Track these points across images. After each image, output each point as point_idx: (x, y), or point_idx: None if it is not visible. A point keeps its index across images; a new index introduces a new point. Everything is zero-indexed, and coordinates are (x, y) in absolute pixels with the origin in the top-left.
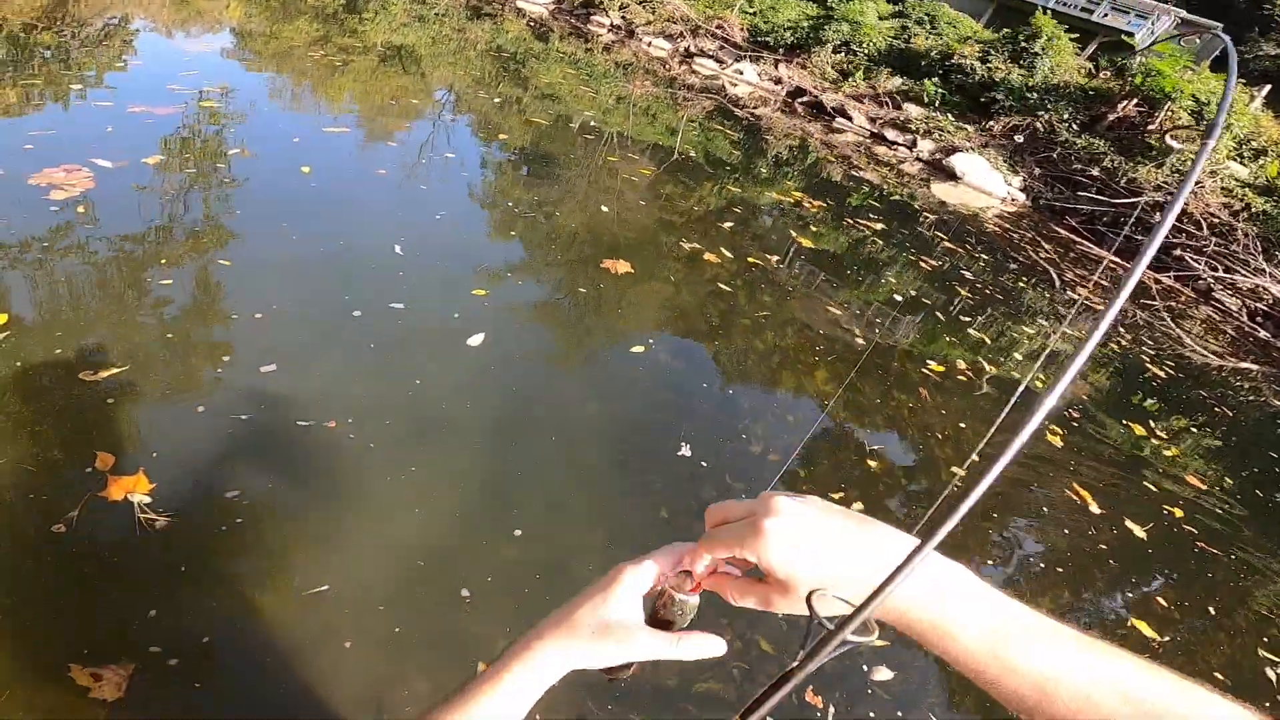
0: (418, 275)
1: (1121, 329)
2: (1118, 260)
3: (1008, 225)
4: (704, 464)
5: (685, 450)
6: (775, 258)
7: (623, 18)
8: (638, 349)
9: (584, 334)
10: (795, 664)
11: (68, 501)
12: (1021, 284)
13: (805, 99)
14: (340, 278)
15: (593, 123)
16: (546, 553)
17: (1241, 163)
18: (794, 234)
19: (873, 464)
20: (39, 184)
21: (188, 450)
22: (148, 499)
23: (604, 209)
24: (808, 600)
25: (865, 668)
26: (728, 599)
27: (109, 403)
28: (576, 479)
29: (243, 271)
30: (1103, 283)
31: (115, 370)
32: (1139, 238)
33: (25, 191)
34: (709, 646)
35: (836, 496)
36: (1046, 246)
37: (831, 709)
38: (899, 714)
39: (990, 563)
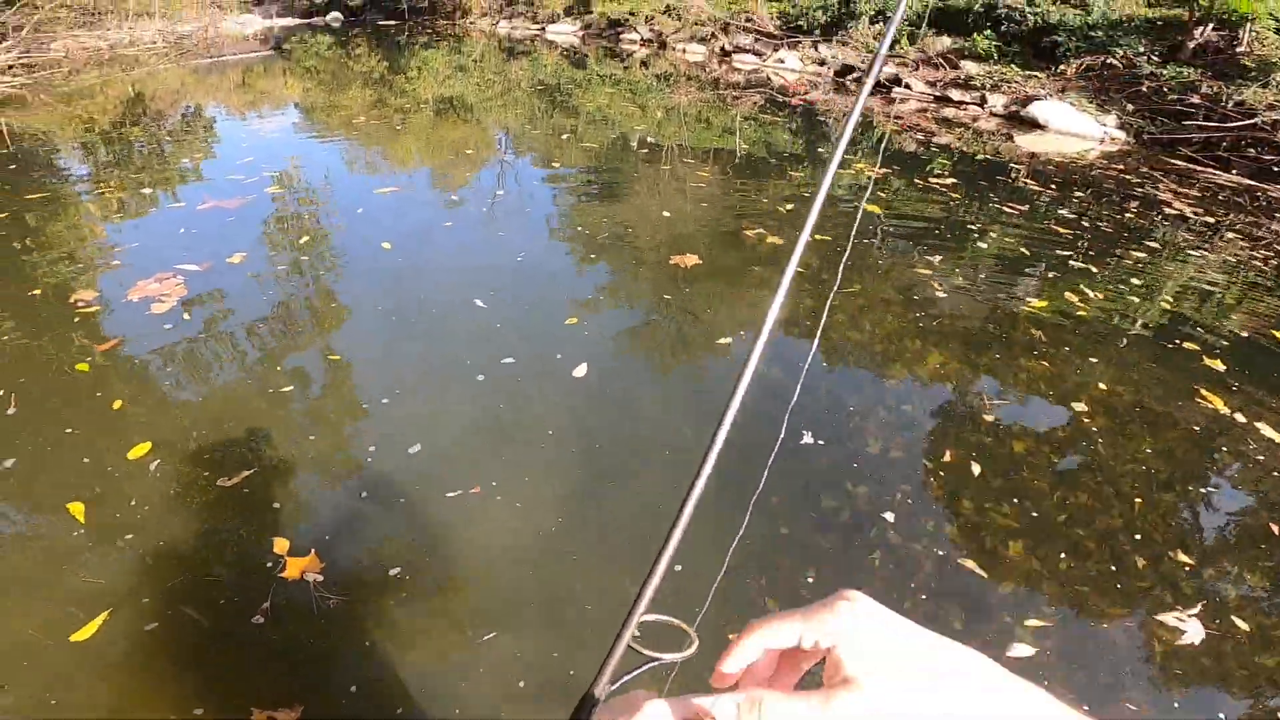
0: (517, 323)
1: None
2: (1252, 182)
3: (1114, 166)
4: (824, 456)
5: (808, 438)
6: (860, 236)
7: (651, 30)
8: (724, 340)
9: (676, 338)
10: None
11: (258, 593)
12: (1142, 220)
13: (854, 75)
14: (450, 345)
15: (648, 138)
16: (709, 584)
17: None
18: (872, 208)
19: (1017, 448)
20: (136, 299)
21: (353, 534)
22: (320, 577)
23: (666, 213)
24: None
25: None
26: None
27: (275, 504)
28: (713, 495)
29: (356, 360)
30: (1242, 204)
31: (269, 470)
32: (1267, 157)
33: (128, 310)
34: None
35: (974, 469)
36: (1165, 180)
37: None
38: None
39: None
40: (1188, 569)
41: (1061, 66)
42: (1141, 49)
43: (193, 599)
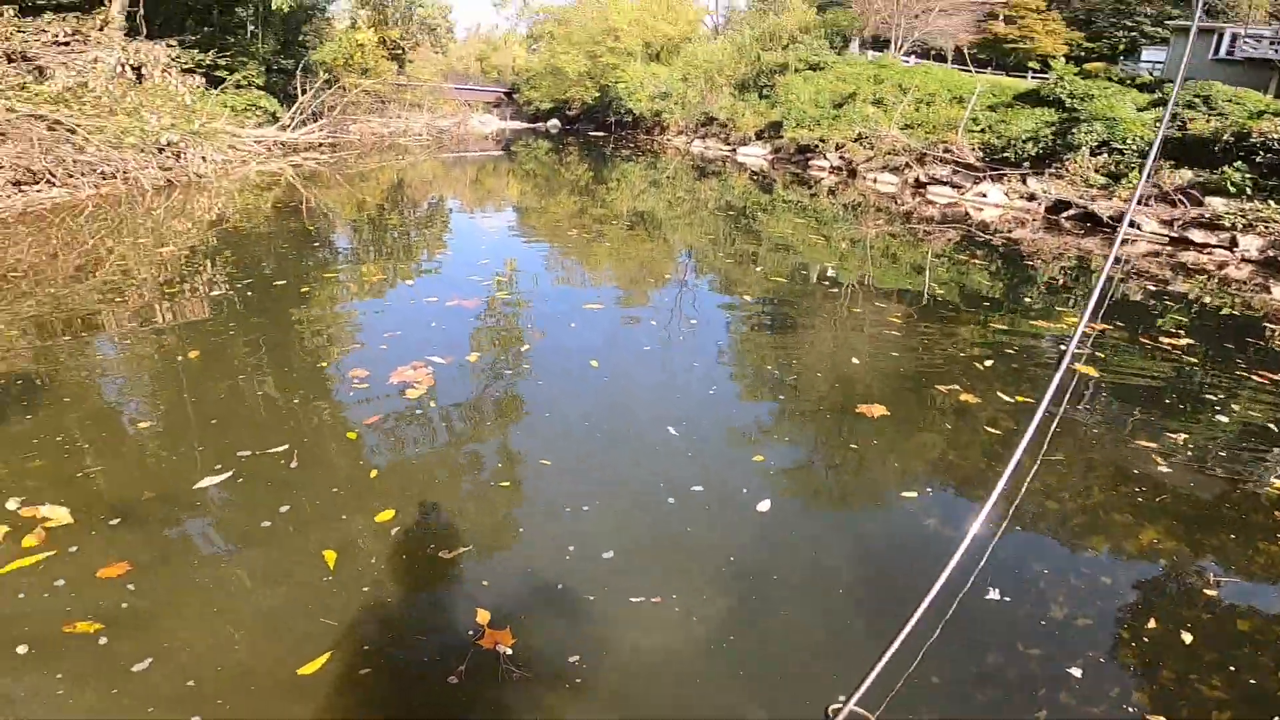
0: (705, 453)
1: None
2: None
3: None
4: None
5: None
6: (1071, 402)
7: (841, 158)
8: (909, 494)
9: (859, 487)
10: None
11: (456, 656)
12: None
13: (1070, 212)
14: (646, 466)
15: (830, 271)
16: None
17: None
18: (1086, 370)
19: (1241, 625)
20: (396, 381)
21: (544, 619)
22: (510, 651)
23: (854, 360)
24: (825, 712)
25: None
26: None
27: (483, 581)
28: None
29: (563, 467)
30: None
31: (482, 550)
32: None
33: (390, 391)
34: None
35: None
36: None
37: None
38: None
39: None
40: None
41: None
42: None
43: (403, 651)
